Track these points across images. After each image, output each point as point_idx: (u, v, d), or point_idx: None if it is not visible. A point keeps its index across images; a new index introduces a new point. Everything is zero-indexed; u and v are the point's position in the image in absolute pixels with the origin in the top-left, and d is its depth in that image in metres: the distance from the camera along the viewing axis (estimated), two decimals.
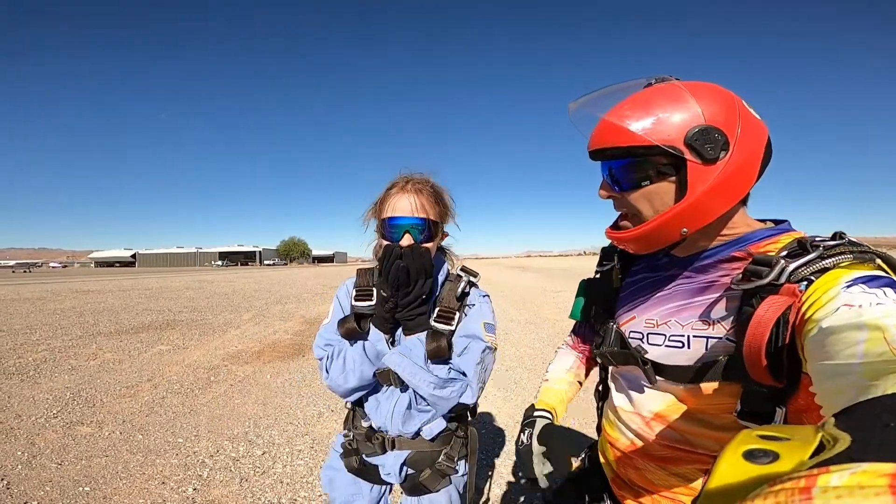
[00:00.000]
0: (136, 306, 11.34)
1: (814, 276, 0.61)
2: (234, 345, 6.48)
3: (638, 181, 0.73)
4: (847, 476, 0.20)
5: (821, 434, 0.26)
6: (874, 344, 0.45)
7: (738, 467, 0.25)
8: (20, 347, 6.17)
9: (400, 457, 1.19)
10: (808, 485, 0.20)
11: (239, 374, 4.92)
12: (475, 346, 1.11)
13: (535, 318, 8.66)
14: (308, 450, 3.03)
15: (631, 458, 0.86)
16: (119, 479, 2.62)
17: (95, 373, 4.91)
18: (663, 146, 0.67)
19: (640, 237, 0.75)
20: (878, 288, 0.54)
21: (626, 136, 0.69)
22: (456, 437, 1.22)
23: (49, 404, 3.88)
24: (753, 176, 0.70)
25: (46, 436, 3.22)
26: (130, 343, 6.55)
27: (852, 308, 0.52)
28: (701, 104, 0.68)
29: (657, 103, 0.69)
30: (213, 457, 2.91)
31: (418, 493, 1.20)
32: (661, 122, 0.68)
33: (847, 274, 0.59)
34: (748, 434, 0.28)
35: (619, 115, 0.71)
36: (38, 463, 2.80)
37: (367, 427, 1.23)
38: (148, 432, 3.30)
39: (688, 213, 0.69)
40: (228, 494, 2.47)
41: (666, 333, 0.79)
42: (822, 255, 0.62)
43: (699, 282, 0.77)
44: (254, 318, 9.26)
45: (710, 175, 0.67)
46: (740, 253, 0.73)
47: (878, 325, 0.46)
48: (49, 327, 7.95)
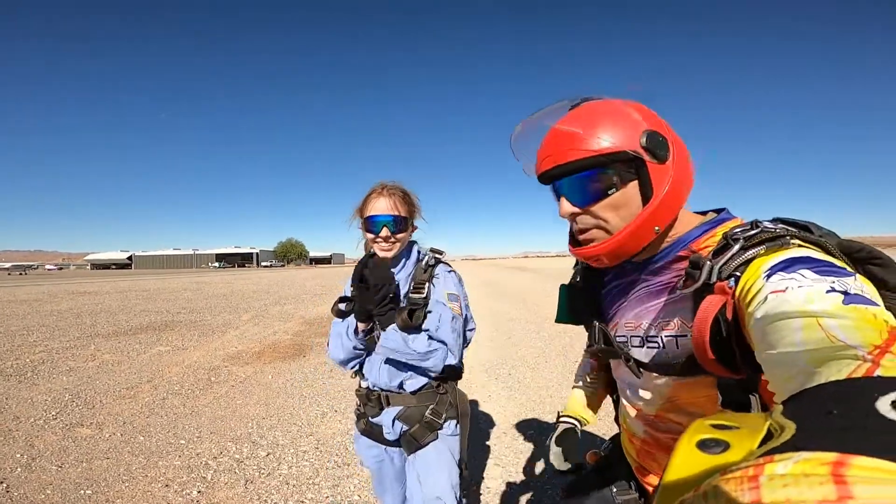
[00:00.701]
0: (133, 307, 11.27)
1: (739, 270, 0.64)
2: (234, 345, 6.43)
3: (604, 191, 0.74)
4: (791, 464, 0.20)
5: (769, 422, 0.27)
6: (811, 331, 0.47)
7: (692, 458, 0.26)
8: (17, 349, 6.10)
9: (393, 413, 1.40)
10: (755, 473, 0.21)
11: (240, 374, 4.87)
12: (445, 314, 1.33)
13: (536, 318, 8.63)
14: (313, 451, 2.99)
15: (648, 451, 0.89)
16: (121, 481, 2.57)
17: (94, 374, 4.85)
18: (629, 151, 0.71)
19: (618, 245, 0.76)
20: (795, 271, 0.56)
21: (590, 144, 0.72)
22: (439, 394, 1.41)
23: (48, 406, 3.83)
24: (692, 172, 0.77)
25: (46, 438, 3.17)
26: (129, 344, 6.49)
27: (778, 295, 0.54)
28: (639, 114, 0.74)
29: (605, 115, 0.74)
30: (216, 458, 2.87)
31: (412, 448, 1.39)
32: (616, 130, 0.72)
33: (766, 262, 0.61)
34: (701, 423, 0.29)
35: (577, 125, 0.74)
36: (37, 465, 2.75)
37: (365, 388, 1.46)
38: (149, 434, 3.25)
39: (659, 212, 0.73)
40: (234, 496, 2.43)
41: (641, 335, 0.83)
42: (743, 247, 0.65)
43: (657, 284, 0.81)
44: (253, 318, 9.21)
45: (667, 173, 0.73)
46: (684, 252, 0.77)
47: (807, 312, 0.49)
48: (46, 329, 7.88)
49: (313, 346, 6.39)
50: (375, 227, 1.34)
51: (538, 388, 4.24)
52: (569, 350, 5.85)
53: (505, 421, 3.45)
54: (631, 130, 0.72)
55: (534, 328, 7.48)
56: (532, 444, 3.04)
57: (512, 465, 2.78)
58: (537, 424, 3.38)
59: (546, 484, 2.53)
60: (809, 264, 0.56)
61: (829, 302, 0.49)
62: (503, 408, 3.73)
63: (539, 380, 4.51)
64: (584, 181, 0.75)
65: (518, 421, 3.45)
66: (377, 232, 1.34)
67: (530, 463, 2.80)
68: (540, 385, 4.32)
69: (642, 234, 0.75)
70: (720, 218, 0.79)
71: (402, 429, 1.40)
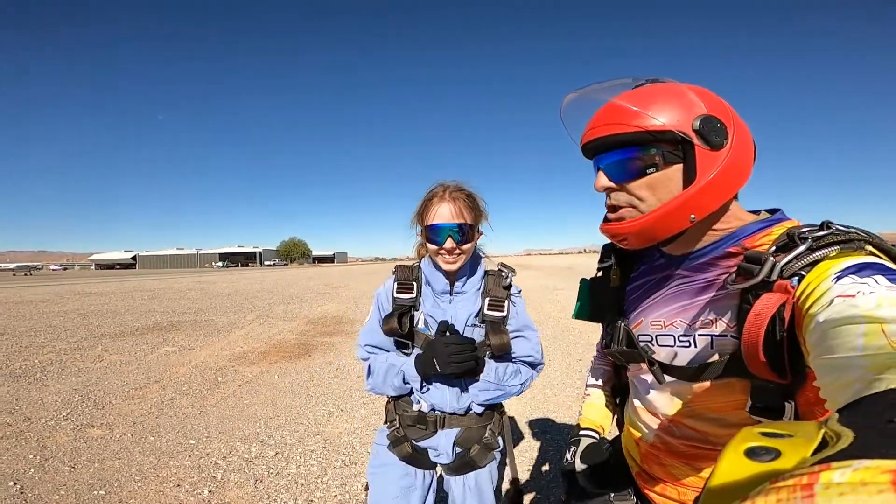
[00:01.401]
0: (139, 308, 11.34)
1: (804, 271, 0.61)
2: (240, 345, 6.47)
3: (643, 169, 0.72)
4: (849, 473, 0.19)
5: (823, 430, 0.26)
6: (873, 337, 0.44)
7: (740, 465, 0.25)
8: (25, 350, 6.17)
9: (450, 435, 1.29)
10: (810, 482, 0.20)
11: (246, 374, 4.91)
12: (533, 336, 1.32)
13: (539, 317, 8.65)
14: (321, 450, 3.03)
15: (656, 456, 0.86)
16: (134, 481, 2.61)
17: (102, 374, 4.90)
18: (676, 131, 0.68)
19: (645, 227, 0.73)
20: (869, 276, 0.53)
21: (638, 120, 0.70)
22: (496, 412, 1.36)
23: (58, 407, 3.88)
24: (751, 166, 0.72)
25: (58, 438, 3.21)
26: (136, 344, 6.54)
27: (846, 299, 0.51)
28: (701, 98, 0.71)
29: (660, 95, 0.71)
30: (226, 458, 2.91)
31: (465, 470, 1.30)
32: (670, 110, 0.69)
33: (836, 265, 0.58)
34: (750, 431, 0.27)
35: (630, 101, 0.72)
36: (51, 466, 2.80)
37: (416, 411, 1.29)
38: (159, 434, 3.29)
39: (698, 199, 0.70)
40: (244, 496, 2.46)
41: (674, 334, 0.79)
42: (811, 248, 0.62)
43: (699, 280, 0.77)
44: (258, 318, 9.26)
45: (717, 161, 0.69)
46: (735, 248, 0.73)
47: (874, 317, 0.45)
48: (53, 329, 7.95)
49: (318, 345, 6.43)
50: (439, 236, 1.20)
51: (542, 386, 4.26)
52: (572, 348, 5.88)
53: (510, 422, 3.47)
54: (685, 112, 0.69)
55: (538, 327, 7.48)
56: (537, 443, 3.07)
57: (518, 463, 2.80)
58: (542, 423, 3.41)
59: (552, 483, 2.56)
60: (883, 272, 0.53)
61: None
62: (507, 407, 3.75)
63: (543, 378, 4.52)
64: (623, 156, 0.73)
65: (523, 421, 3.48)
66: (441, 243, 1.20)
67: (536, 462, 2.83)
68: (544, 384, 4.34)
69: (675, 219, 0.72)
70: (776, 218, 0.75)
71: (457, 451, 1.30)
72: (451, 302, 1.29)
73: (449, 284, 1.29)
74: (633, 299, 0.90)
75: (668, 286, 0.82)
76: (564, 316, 8.47)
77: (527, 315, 1.33)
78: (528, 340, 1.30)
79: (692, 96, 0.71)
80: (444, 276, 1.28)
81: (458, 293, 1.29)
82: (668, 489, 0.85)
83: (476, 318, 1.27)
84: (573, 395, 4.03)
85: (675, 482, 0.84)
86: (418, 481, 1.31)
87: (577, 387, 4.26)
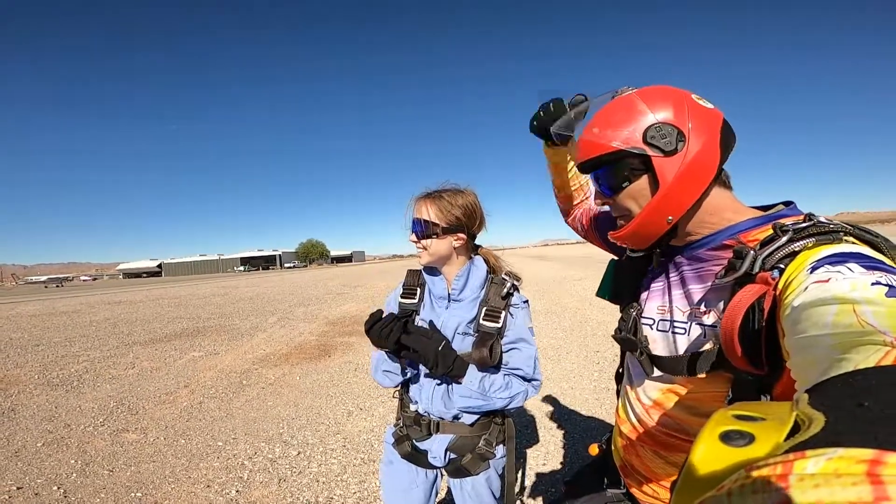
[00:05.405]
0: (166, 315, 11.73)
1: (784, 262, 0.63)
2: (263, 348, 6.67)
3: (619, 184, 0.80)
4: (823, 462, 0.19)
5: (795, 413, 0.26)
6: (843, 316, 0.45)
7: (715, 451, 0.25)
8: (61, 360, 6.47)
9: (444, 441, 1.31)
10: (784, 471, 0.20)
11: (269, 376, 5.07)
12: (528, 349, 1.27)
13: (556, 308, 8.65)
14: (341, 448, 3.13)
15: (633, 445, 0.90)
16: (167, 483, 2.76)
17: (135, 381, 5.13)
18: (627, 148, 0.75)
19: (633, 232, 0.82)
20: (843, 264, 0.54)
21: (596, 147, 0.79)
22: (494, 424, 1.34)
23: (95, 413, 4.08)
24: (715, 159, 0.75)
25: (96, 444, 3.40)
26: (165, 351, 6.80)
27: (820, 285, 0.53)
28: (650, 107, 0.76)
29: (614, 114, 0.78)
30: (251, 458, 3.04)
31: (461, 475, 1.32)
32: (622, 128, 0.76)
33: (814, 254, 0.60)
34: (724, 414, 0.27)
35: (587, 132, 0.82)
36: (91, 470, 2.97)
37: (414, 411, 1.35)
38: (189, 437, 3.45)
39: (667, 202, 0.76)
40: (269, 495, 2.58)
41: (670, 319, 0.84)
42: (791, 239, 0.64)
43: (697, 270, 0.81)
44: (279, 321, 9.49)
45: (676, 164, 0.74)
46: (731, 241, 0.76)
47: (846, 299, 0.47)
48: (86, 339, 8.31)
49: (337, 346, 6.57)
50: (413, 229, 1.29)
51: (559, 379, 4.29)
52: (589, 339, 5.87)
53: (525, 414, 3.52)
54: (634, 126, 0.75)
55: (555, 319, 7.49)
56: (555, 438, 3.11)
57: (532, 458, 2.85)
58: (559, 417, 3.45)
59: (567, 476, 2.60)
60: (858, 259, 0.55)
61: (871, 292, 0.47)
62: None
63: (560, 372, 4.55)
64: (602, 175, 0.82)
65: (540, 414, 3.52)
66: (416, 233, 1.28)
67: (550, 458, 2.87)
68: (561, 377, 4.37)
69: (654, 223, 0.78)
70: (781, 213, 0.77)
71: (450, 457, 1.33)
72: (447, 308, 1.30)
73: (447, 290, 1.31)
74: (647, 282, 0.94)
75: (671, 275, 0.87)
76: (583, 307, 8.44)
77: (525, 328, 1.29)
78: (520, 353, 1.27)
79: (641, 106, 0.76)
80: (442, 281, 1.31)
81: (455, 300, 1.30)
82: (646, 488, 0.89)
83: (469, 327, 1.27)
84: (590, 387, 4.05)
85: (651, 479, 0.87)
86: (420, 479, 1.35)
87: (593, 379, 4.27)
